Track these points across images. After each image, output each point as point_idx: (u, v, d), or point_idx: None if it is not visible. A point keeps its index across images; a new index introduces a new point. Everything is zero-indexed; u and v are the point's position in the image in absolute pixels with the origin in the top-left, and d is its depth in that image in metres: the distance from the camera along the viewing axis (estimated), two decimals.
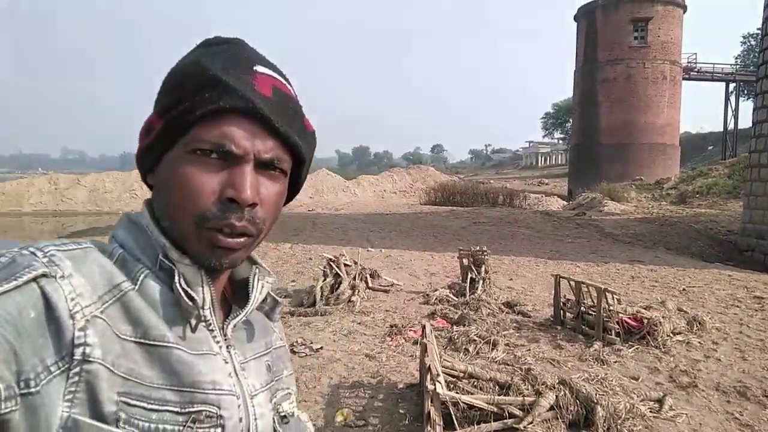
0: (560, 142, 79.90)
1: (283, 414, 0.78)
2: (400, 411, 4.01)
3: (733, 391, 4.36)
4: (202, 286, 0.68)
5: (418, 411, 3.92)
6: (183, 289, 0.65)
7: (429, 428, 3.43)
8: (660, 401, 4.04)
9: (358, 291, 7.04)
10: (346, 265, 7.36)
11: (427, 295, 7.31)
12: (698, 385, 4.45)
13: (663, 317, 5.56)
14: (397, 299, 7.36)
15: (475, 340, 5.26)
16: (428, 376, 3.65)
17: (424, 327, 4.41)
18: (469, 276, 7.30)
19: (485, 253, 7.46)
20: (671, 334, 5.48)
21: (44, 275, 0.56)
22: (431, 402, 3.50)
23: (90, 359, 0.56)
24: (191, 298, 0.66)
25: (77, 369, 0.56)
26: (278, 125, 0.67)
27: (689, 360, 5.05)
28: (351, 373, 4.69)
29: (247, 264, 0.78)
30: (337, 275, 7.14)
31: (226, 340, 0.70)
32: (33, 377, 0.53)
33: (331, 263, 7.27)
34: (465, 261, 7.51)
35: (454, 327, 5.79)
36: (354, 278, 7.26)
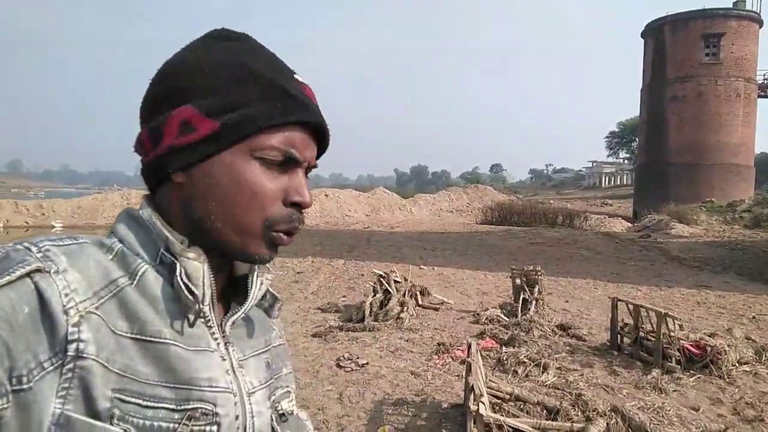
0: (625, 161, 77.24)
1: (281, 412, 0.77)
2: (443, 431, 3.94)
3: None
4: (203, 281, 0.67)
5: None
6: (184, 283, 0.65)
7: None
8: None
9: (408, 308, 7.00)
10: (396, 281, 7.35)
11: (478, 314, 7.18)
12: (765, 420, 4.14)
13: (729, 345, 5.23)
14: (446, 318, 7.26)
15: (524, 363, 5.12)
16: (471, 396, 3.57)
17: (469, 345, 4.33)
18: (522, 296, 7.12)
19: (539, 273, 7.26)
20: (737, 364, 5.14)
21: (38, 270, 0.56)
22: (474, 423, 3.42)
23: (84, 355, 0.56)
24: (192, 293, 0.65)
25: (71, 365, 0.55)
26: (329, 139, 0.72)
27: (756, 392, 4.72)
28: (395, 390, 4.65)
29: None
30: (386, 291, 7.14)
31: (224, 336, 0.70)
32: (26, 373, 0.53)
33: (381, 279, 7.28)
34: (518, 281, 7.34)
35: (504, 348, 5.66)
36: (404, 295, 7.24)
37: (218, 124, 0.65)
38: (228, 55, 0.67)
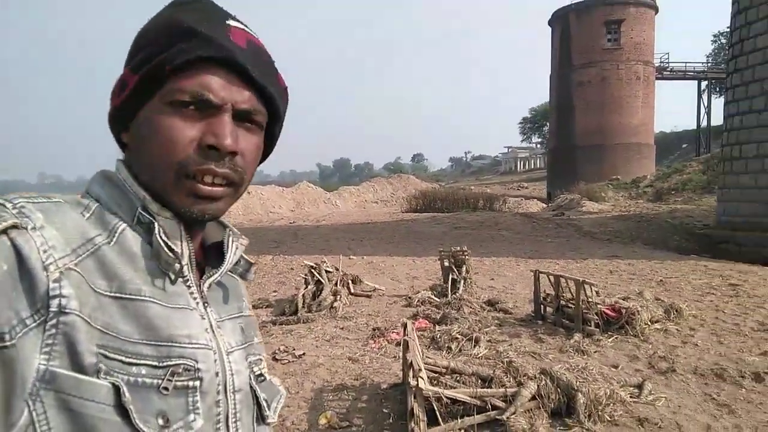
0: (538, 146, 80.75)
1: (258, 373, 0.79)
2: (384, 410, 4.00)
3: (710, 373, 4.44)
4: (181, 241, 0.67)
5: (402, 410, 3.92)
6: (163, 241, 0.65)
7: (413, 424, 3.43)
8: (640, 386, 4.09)
9: (340, 297, 7.02)
10: (327, 271, 7.35)
11: (410, 297, 7.32)
12: (676, 370, 4.52)
13: (641, 307, 5.64)
14: (379, 303, 7.36)
15: (457, 338, 5.28)
16: (411, 372, 3.66)
17: (405, 326, 4.42)
18: (451, 277, 7.33)
19: (465, 254, 7.50)
20: (649, 323, 5.56)
21: (15, 227, 0.55)
22: (414, 398, 3.51)
23: (66, 311, 0.55)
24: (171, 251, 0.65)
25: (54, 321, 0.55)
26: (254, 75, 0.67)
27: (667, 346, 5.14)
28: (334, 377, 4.68)
29: (219, 228, 0.79)
30: (318, 282, 7.12)
31: (202, 297, 0.71)
32: (7, 331, 0.52)
33: (313, 270, 7.25)
34: (446, 262, 7.55)
35: (437, 327, 5.81)
36: (336, 284, 7.25)
37: (137, 76, 0.66)
38: (165, 15, 0.68)
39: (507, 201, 28.41)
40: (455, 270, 7.40)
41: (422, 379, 3.51)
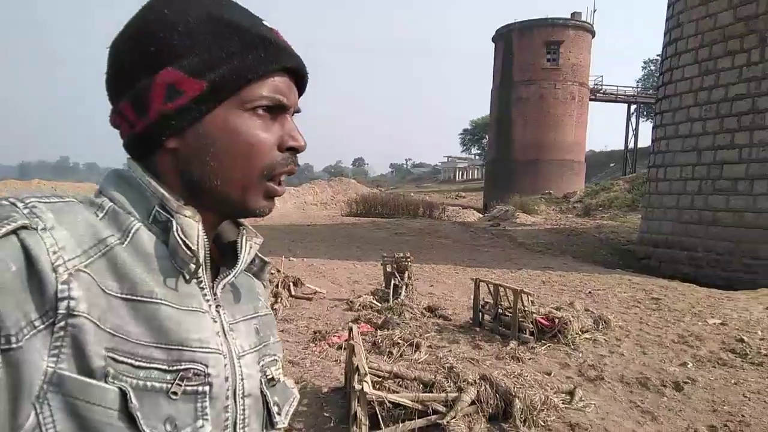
0: (477, 157, 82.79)
1: (270, 377, 0.78)
2: (325, 414, 4.00)
3: (635, 382, 4.71)
4: (198, 240, 0.66)
5: (343, 413, 3.94)
6: (181, 239, 0.64)
7: (355, 428, 3.45)
8: (571, 393, 4.29)
9: (281, 299, 6.95)
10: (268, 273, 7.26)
11: (351, 301, 7.34)
12: (604, 378, 4.76)
13: (572, 317, 5.91)
14: (320, 306, 7.33)
15: (398, 343, 5.35)
16: (356, 376, 3.68)
17: (350, 329, 4.44)
18: (393, 282, 7.40)
19: (408, 260, 7.60)
20: (580, 333, 5.82)
21: (24, 227, 0.54)
22: (358, 402, 3.53)
23: (75, 313, 0.55)
24: (189, 248, 0.65)
25: (62, 323, 0.54)
26: (307, 79, 0.74)
27: (596, 355, 5.40)
28: None
29: (234, 227, 0.79)
30: None
31: (215, 299, 0.70)
32: (15, 333, 0.52)
33: None
34: (388, 267, 7.62)
35: (378, 331, 5.85)
36: (276, 286, 7.17)
37: (204, 83, 0.64)
38: (198, 10, 0.65)
39: (446, 209, 28.94)
40: (397, 275, 7.48)
41: (367, 383, 3.54)
